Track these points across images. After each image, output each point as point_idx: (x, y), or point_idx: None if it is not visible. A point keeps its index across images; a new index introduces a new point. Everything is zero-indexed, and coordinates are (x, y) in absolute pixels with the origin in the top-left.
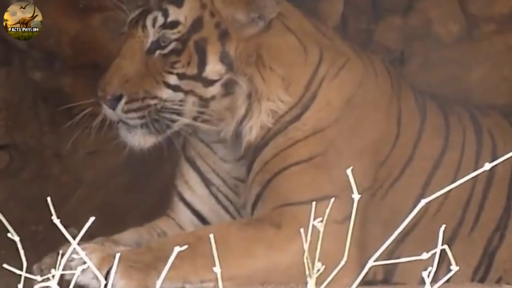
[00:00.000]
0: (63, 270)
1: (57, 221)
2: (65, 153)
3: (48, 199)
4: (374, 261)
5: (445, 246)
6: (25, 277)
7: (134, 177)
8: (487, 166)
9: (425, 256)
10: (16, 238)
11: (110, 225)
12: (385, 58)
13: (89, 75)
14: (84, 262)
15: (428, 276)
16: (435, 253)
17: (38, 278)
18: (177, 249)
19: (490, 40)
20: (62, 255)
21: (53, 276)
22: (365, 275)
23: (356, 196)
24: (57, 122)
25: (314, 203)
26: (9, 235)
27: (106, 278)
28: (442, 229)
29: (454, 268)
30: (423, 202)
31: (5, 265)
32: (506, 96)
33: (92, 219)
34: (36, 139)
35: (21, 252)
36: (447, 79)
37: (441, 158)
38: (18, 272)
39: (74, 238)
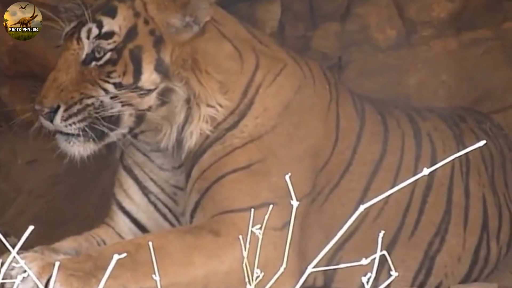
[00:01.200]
0: (3, 278)
1: None
2: (4, 161)
3: None
4: (313, 267)
5: (384, 252)
6: None
7: (74, 185)
8: (426, 171)
9: (364, 261)
10: None
11: (50, 234)
12: (323, 64)
13: (27, 84)
14: (24, 271)
15: (368, 281)
16: (375, 258)
17: None
18: (116, 257)
19: (428, 45)
20: (2, 264)
21: None
22: (304, 281)
23: (294, 203)
24: None
25: (252, 210)
26: None
27: (46, 286)
28: (381, 235)
29: (394, 273)
30: (362, 207)
31: None
32: (444, 101)
33: (31, 228)
34: None
35: None
36: (385, 84)
37: (380, 163)
38: None
39: (13, 247)
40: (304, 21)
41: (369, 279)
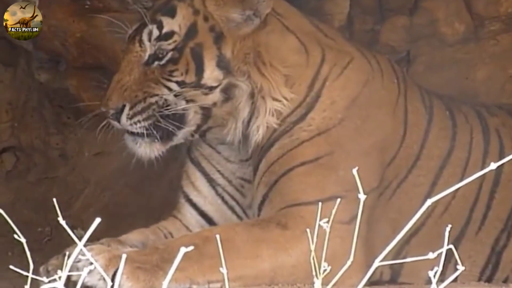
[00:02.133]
0: (69, 271)
1: (63, 222)
2: (71, 154)
3: (54, 200)
4: (380, 261)
5: (451, 246)
6: (32, 279)
7: (141, 178)
8: (493, 165)
9: (431, 255)
10: (23, 240)
11: (116, 226)
12: (391, 58)
13: (94, 76)
14: (91, 263)
15: (435, 276)
16: (441, 253)
17: (45, 279)
18: (183, 250)
19: (495, 39)
20: (69, 256)
21: (60, 277)
22: (371, 275)
23: (362, 196)
24: (63, 123)
25: (320, 203)
26: (15, 236)
27: (113, 279)
28: (448, 229)
29: (461, 268)
30: (429, 201)
31: (11, 267)
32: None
33: (98, 220)
34: (42, 141)
35: (28, 253)
36: (453, 78)
37: (448, 158)
38: (24, 273)
39: (80, 239)
40: (373, 14)
41: (435, 273)
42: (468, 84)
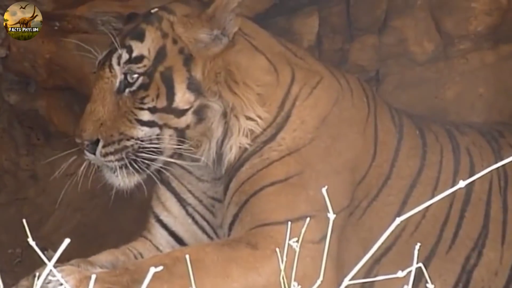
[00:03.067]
0: None
1: (33, 243)
2: (41, 175)
3: (24, 221)
4: (350, 279)
5: (421, 265)
6: None
7: (111, 198)
8: (462, 183)
9: (400, 274)
10: None
11: (87, 247)
12: (361, 77)
13: (64, 97)
14: (61, 284)
15: None
16: (411, 271)
17: None
18: (152, 270)
19: (465, 58)
20: (39, 277)
21: None
22: None
23: (331, 216)
24: (33, 145)
25: (290, 223)
26: None
27: None
28: (417, 247)
29: (431, 286)
30: (398, 220)
31: None
32: (481, 114)
33: (67, 241)
34: (12, 162)
35: None
36: (423, 97)
37: (418, 177)
38: None
39: (51, 260)
40: (342, 34)
41: None
42: (438, 103)
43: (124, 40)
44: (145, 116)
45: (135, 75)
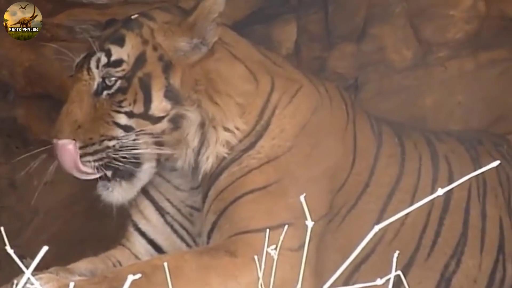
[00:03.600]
0: None
1: (11, 251)
2: (20, 183)
3: (2, 229)
4: (329, 287)
5: (399, 272)
6: None
7: (90, 206)
8: (440, 191)
9: (379, 281)
10: None
11: (66, 255)
12: (340, 85)
13: (43, 105)
14: None
15: None
16: (390, 279)
17: None
18: (131, 278)
19: (443, 65)
20: (17, 285)
21: None
22: None
23: (309, 223)
24: (11, 152)
25: (268, 230)
26: None
27: None
28: (396, 254)
29: None
30: (376, 228)
31: None
32: (460, 122)
33: (45, 248)
34: None
35: None
36: (401, 105)
37: (397, 185)
38: None
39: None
40: (320, 42)
41: None
42: (416, 111)
43: (103, 44)
44: (122, 119)
45: (113, 78)
